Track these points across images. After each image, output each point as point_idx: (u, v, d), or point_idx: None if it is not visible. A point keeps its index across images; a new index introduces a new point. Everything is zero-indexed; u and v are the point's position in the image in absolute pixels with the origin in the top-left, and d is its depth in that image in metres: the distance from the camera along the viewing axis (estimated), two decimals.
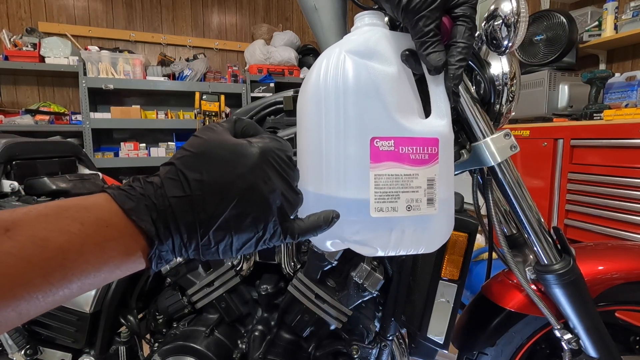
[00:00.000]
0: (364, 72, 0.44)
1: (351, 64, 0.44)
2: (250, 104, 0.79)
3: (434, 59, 0.44)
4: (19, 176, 1.03)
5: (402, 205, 0.44)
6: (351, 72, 0.44)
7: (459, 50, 0.45)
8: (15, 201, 0.99)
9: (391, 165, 0.44)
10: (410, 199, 0.44)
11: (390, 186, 0.44)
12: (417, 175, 0.44)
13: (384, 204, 0.44)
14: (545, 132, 1.97)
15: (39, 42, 2.92)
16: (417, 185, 0.44)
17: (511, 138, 0.59)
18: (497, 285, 0.73)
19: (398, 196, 0.44)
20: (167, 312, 0.83)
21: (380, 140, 0.44)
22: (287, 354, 0.75)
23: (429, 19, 0.43)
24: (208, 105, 2.96)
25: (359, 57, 0.44)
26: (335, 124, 0.45)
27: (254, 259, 0.78)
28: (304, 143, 0.50)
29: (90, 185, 1.13)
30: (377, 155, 0.43)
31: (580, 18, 2.33)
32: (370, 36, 0.46)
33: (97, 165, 1.31)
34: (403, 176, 0.44)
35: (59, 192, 1.03)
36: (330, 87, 0.45)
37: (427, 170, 0.45)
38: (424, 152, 0.45)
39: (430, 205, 0.45)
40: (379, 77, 0.44)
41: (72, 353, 0.89)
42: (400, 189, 0.44)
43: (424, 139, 0.45)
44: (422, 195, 0.45)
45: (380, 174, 0.43)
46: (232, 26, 3.88)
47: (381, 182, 0.44)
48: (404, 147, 0.44)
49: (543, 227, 0.62)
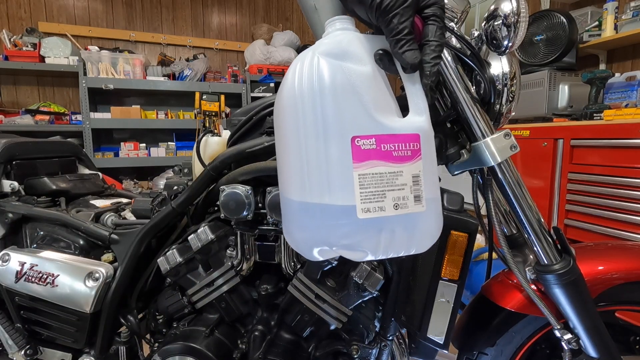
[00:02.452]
0: (339, 72, 0.44)
1: (325, 64, 0.44)
2: (250, 104, 0.79)
3: (410, 57, 0.44)
4: (19, 176, 1.03)
5: (389, 204, 0.43)
6: (326, 73, 0.44)
7: (432, 49, 0.46)
8: (15, 201, 0.99)
9: (374, 163, 0.43)
10: (397, 197, 0.44)
11: (376, 185, 0.43)
12: (401, 172, 0.44)
13: (370, 204, 0.43)
14: (545, 132, 1.96)
15: (39, 42, 2.92)
16: (403, 182, 0.44)
17: (511, 138, 0.59)
18: (497, 285, 0.73)
19: (384, 195, 0.43)
20: (167, 312, 0.83)
21: (362, 138, 0.43)
22: (287, 354, 0.75)
23: (402, 16, 0.44)
24: (208, 105, 2.95)
25: (332, 59, 0.44)
26: (314, 126, 0.44)
27: (254, 258, 0.78)
28: (283, 150, 0.49)
29: (90, 185, 1.13)
30: (359, 154, 0.43)
31: (580, 18, 2.33)
32: (343, 38, 0.46)
33: (97, 165, 1.31)
34: (388, 174, 0.43)
35: (59, 192, 1.03)
36: (306, 89, 0.44)
37: (411, 166, 0.44)
38: (407, 149, 0.44)
39: (418, 202, 0.45)
40: (354, 76, 0.44)
41: (72, 353, 0.90)
42: (386, 187, 0.43)
43: (405, 135, 0.44)
44: (409, 192, 0.44)
45: (364, 174, 0.43)
46: (232, 26, 3.88)
47: (366, 182, 0.43)
48: (385, 144, 0.43)
49: (543, 227, 0.62)
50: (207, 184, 0.78)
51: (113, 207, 1.00)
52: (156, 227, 0.82)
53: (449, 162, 0.68)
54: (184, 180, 0.89)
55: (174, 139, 3.38)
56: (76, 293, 0.82)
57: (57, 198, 1.02)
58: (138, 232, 0.82)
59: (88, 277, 0.82)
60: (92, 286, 0.82)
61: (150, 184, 3.30)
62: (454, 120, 0.65)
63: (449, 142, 0.66)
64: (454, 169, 0.67)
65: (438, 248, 0.62)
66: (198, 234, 0.76)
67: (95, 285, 0.82)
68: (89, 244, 0.91)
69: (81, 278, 0.82)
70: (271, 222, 0.73)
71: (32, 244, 0.97)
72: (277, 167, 0.54)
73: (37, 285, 0.85)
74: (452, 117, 0.64)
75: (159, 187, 2.79)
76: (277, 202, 0.69)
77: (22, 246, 0.97)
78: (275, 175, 0.70)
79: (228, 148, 0.77)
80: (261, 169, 0.71)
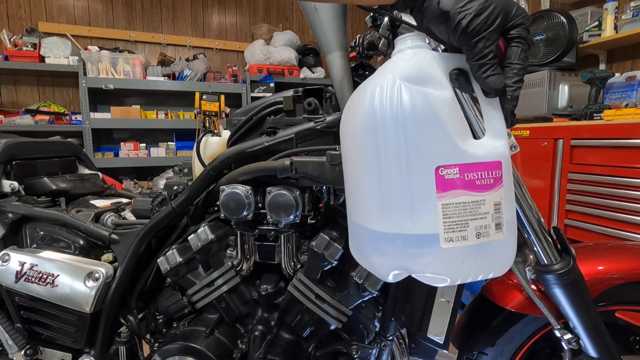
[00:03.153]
0: (421, 99, 0.43)
1: (407, 92, 0.43)
2: (250, 104, 0.79)
3: (494, 82, 0.43)
4: (19, 176, 1.03)
5: (471, 233, 0.43)
6: (409, 101, 0.43)
7: (514, 72, 0.44)
8: (15, 201, 0.99)
9: (458, 193, 0.43)
10: (479, 226, 0.43)
11: (459, 215, 0.43)
12: (484, 201, 0.43)
13: (453, 234, 0.43)
14: (545, 132, 1.96)
15: (39, 42, 2.92)
16: (485, 211, 0.43)
17: (511, 138, 0.59)
18: (497, 285, 0.73)
19: (467, 224, 0.43)
20: (167, 312, 0.83)
21: (446, 168, 0.42)
22: (287, 354, 0.75)
23: (488, 40, 0.42)
24: (208, 105, 2.95)
25: (413, 84, 0.43)
26: (396, 155, 0.43)
27: (254, 258, 0.78)
28: (357, 175, 0.49)
29: (90, 185, 1.13)
30: (443, 184, 0.42)
31: (580, 18, 2.33)
32: (421, 60, 0.45)
33: (97, 165, 1.31)
34: (471, 203, 0.43)
35: (59, 192, 1.03)
36: (388, 116, 0.43)
37: (493, 194, 0.44)
38: (489, 177, 0.43)
39: (499, 230, 0.44)
40: (436, 104, 0.43)
41: (72, 353, 0.90)
42: (469, 217, 0.43)
43: (488, 164, 0.43)
44: (490, 220, 0.44)
45: (448, 203, 0.43)
46: (232, 26, 3.88)
47: (449, 212, 0.43)
48: (469, 173, 0.43)
49: (543, 227, 0.62)
50: (207, 184, 0.78)
51: (113, 207, 1.00)
52: (156, 227, 0.82)
53: None
54: (184, 180, 0.89)
55: (174, 139, 3.37)
56: (76, 293, 0.82)
57: (57, 198, 1.02)
58: (138, 232, 0.82)
59: (88, 277, 0.82)
60: (92, 286, 0.82)
61: (150, 184, 3.30)
62: None
63: None
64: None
65: None
66: (198, 234, 0.76)
67: (95, 285, 0.82)
68: (89, 244, 0.91)
69: (81, 278, 0.82)
70: (271, 222, 0.73)
71: (32, 244, 0.97)
72: (345, 190, 0.54)
73: (37, 285, 0.86)
74: None
75: (159, 187, 2.79)
76: (277, 202, 0.69)
77: (22, 246, 0.97)
78: (275, 175, 0.70)
79: (228, 148, 0.77)
80: (261, 169, 0.71)
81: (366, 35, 0.76)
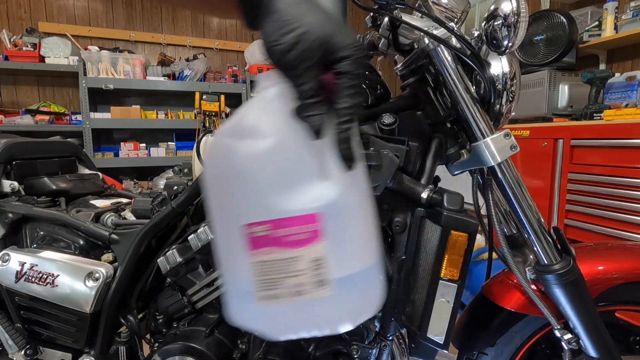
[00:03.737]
0: (228, 156, 0.41)
1: (216, 148, 0.42)
2: None
3: (312, 122, 0.39)
4: (19, 176, 1.03)
5: (287, 291, 0.41)
6: (214, 158, 0.42)
7: (340, 111, 0.39)
8: (15, 201, 0.99)
9: (270, 250, 0.40)
10: (295, 284, 0.41)
11: (273, 272, 0.41)
12: (298, 258, 0.40)
13: (266, 292, 0.41)
14: (545, 132, 1.96)
15: (39, 42, 2.92)
16: (300, 268, 0.41)
17: (511, 138, 0.59)
18: (497, 285, 0.73)
19: (282, 282, 0.41)
20: (167, 312, 0.83)
21: (254, 225, 0.40)
22: (287, 354, 0.75)
23: (303, 77, 0.38)
24: (208, 105, 2.96)
25: (230, 138, 0.41)
26: (215, 212, 0.44)
27: None
28: None
29: (90, 185, 1.13)
30: (254, 241, 0.41)
31: (580, 18, 2.33)
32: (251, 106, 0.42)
33: (97, 165, 1.31)
34: (283, 260, 0.40)
35: (59, 192, 1.03)
36: (208, 175, 0.44)
37: (310, 249, 0.40)
38: (303, 232, 0.40)
39: (321, 286, 0.41)
40: (248, 158, 0.40)
41: (72, 353, 0.89)
42: (283, 275, 0.41)
43: (300, 217, 0.40)
44: (308, 278, 0.41)
45: (260, 261, 0.41)
46: (232, 26, 3.88)
47: (262, 269, 0.41)
48: (280, 229, 0.40)
49: (543, 227, 0.62)
50: None
51: (113, 207, 1.00)
52: (156, 227, 0.82)
53: (449, 162, 0.68)
54: (184, 180, 0.89)
55: (174, 139, 3.38)
56: (76, 293, 0.82)
57: (57, 198, 1.02)
58: (138, 232, 0.82)
59: (88, 277, 0.82)
60: (92, 286, 0.82)
61: (150, 184, 3.30)
62: (454, 120, 0.65)
63: (449, 142, 0.66)
64: (454, 169, 0.67)
65: (438, 248, 0.62)
66: (198, 234, 0.76)
67: (95, 285, 0.82)
68: (89, 244, 0.91)
69: (81, 278, 0.82)
70: None
71: (32, 244, 0.97)
72: None
73: (37, 285, 0.85)
74: (452, 117, 0.64)
75: (159, 187, 2.79)
76: None
77: (22, 246, 0.97)
78: None
79: None
80: None
81: (366, 35, 0.76)
